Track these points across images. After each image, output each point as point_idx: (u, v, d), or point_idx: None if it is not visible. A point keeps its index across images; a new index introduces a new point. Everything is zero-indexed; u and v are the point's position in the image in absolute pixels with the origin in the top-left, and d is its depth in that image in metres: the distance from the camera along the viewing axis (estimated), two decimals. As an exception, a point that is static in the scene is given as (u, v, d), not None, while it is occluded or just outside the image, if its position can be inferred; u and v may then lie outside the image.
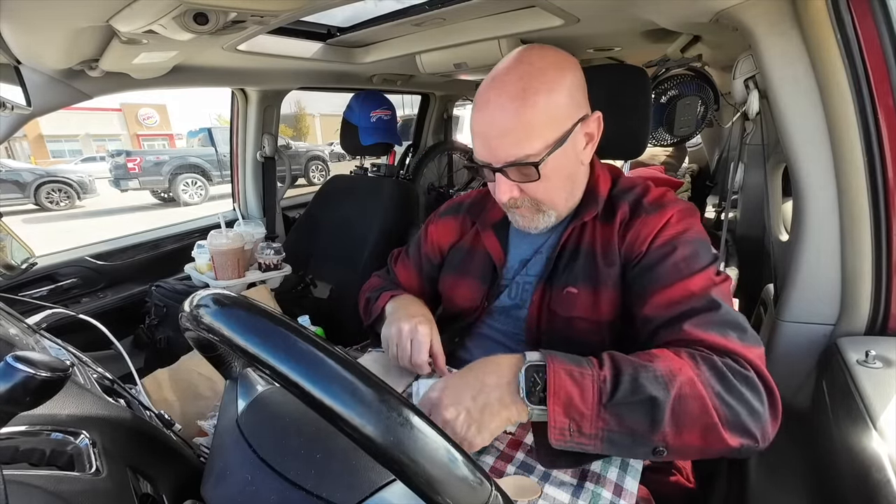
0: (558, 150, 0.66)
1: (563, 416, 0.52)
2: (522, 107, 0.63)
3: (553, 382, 0.53)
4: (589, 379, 0.54)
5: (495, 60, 1.66)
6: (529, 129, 0.64)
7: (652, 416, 0.52)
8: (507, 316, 0.82)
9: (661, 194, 0.74)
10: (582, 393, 0.53)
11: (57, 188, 8.91)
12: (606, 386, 0.53)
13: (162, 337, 1.47)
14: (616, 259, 0.71)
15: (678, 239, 0.67)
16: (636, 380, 0.53)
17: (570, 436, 0.52)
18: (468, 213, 0.91)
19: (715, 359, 0.56)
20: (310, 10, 1.03)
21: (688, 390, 0.53)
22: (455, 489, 0.32)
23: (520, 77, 0.64)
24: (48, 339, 0.69)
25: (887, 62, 0.66)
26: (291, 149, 10.51)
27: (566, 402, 0.53)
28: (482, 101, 0.67)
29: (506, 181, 0.69)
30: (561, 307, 0.73)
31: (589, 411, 0.52)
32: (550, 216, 0.74)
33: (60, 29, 0.89)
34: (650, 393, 0.52)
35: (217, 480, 0.46)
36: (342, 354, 0.34)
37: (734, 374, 0.55)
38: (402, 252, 1.03)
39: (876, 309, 0.73)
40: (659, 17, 1.05)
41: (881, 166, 0.68)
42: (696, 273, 0.63)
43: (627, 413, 0.53)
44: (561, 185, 0.72)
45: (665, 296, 0.63)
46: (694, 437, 0.53)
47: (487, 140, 0.67)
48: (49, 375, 0.31)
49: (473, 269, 0.86)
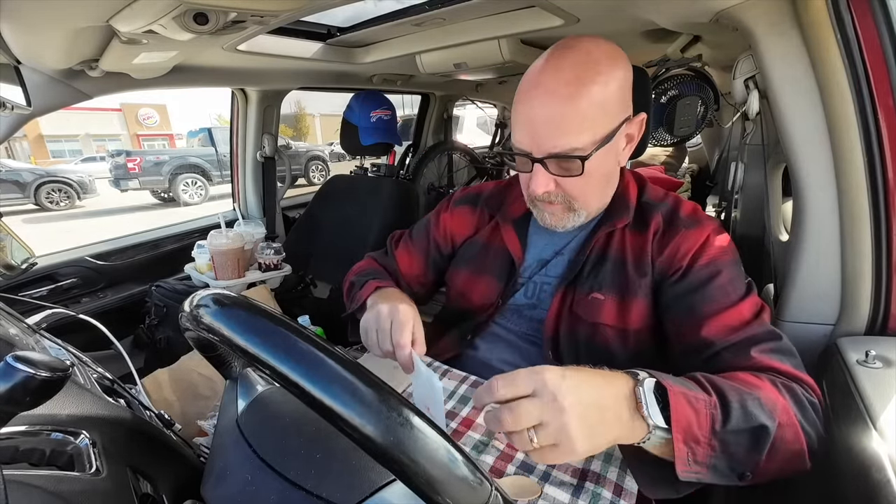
0: (605, 146, 0.64)
1: (683, 445, 0.48)
2: (577, 94, 0.60)
3: (675, 408, 0.47)
4: (703, 404, 0.49)
5: (495, 60, 1.66)
6: (581, 120, 0.61)
7: (757, 442, 0.50)
8: (520, 316, 0.80)
9: (694, 208, 0.74)
10: (698, 419, 0.49)
11: (57, 188, 8.91)
12: (718, 412, 0.50)
13: (162, 337, 1.47)
14: (649, 270, 0.70)
15: (721, 260, 0.67)
16: (745, 407, 0.50)
17: (689, 466, 0.48)
18: (486, 205, 0.89)
19: (794, 386, 0.56)
20: (310, 10, 1.03)
21: (785, 418, 0.52)
22: (455, 489, 0.32)
23: (575, 63, 0.61)
24: (48, 339, 0.69)
25: (887, 62, 0.66)
26: (291, 149, 10.51)
27: (686, 429, 0.48)
28: (532, 84, 0.63)
29: (544, 174, 0.66)
30: (586, 312, 0.72)
31: (703, 439, 0.49)
32: (581, 215, 0.72)
33: (60, 29, 0.89)
34: (760, 421, 0.50)
35: (217, 480, 0.46)
36: (342, 354, 0.34)
37: (808, 402, 0.55)
38: (405, 235, 0.97)
39: (876, 309, 0.73)
40: (659, 18, 1.05)
41: (881, 166, 0.68)
42: (744, 298, 0.64)
43: (734, 440, 0.50)
44: (598, 184, 0.71)
45: (722, 320, 0.63)
46: (782, 462, 0.52)
47: (533, 127, 0.64)
48: (49, 375, 0.31)
49: (490, 265, 0.84)
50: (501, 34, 1.30)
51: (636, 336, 0.71)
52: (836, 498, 0.52)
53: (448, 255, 0.92)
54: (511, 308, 0.81)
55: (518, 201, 0.83)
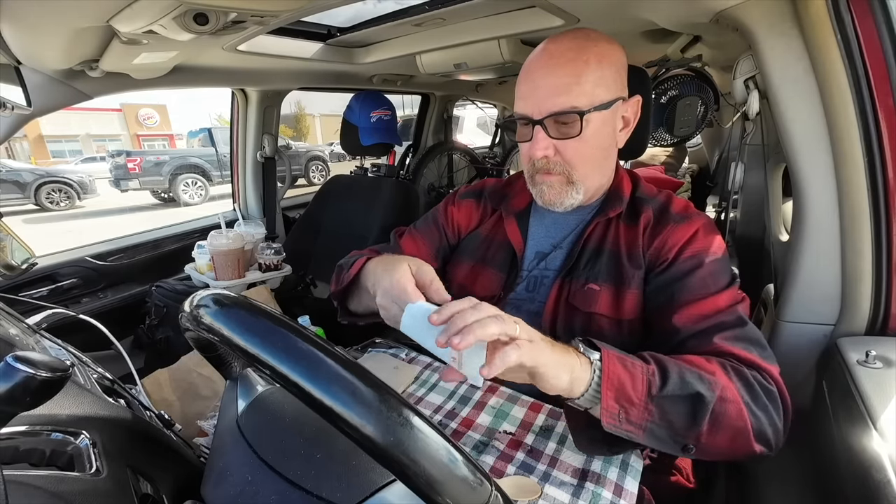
0: (603, 111, 0.68)
1: (614, 402, 0.53)
2: (577, 59, 0.66)
3: (607, 368, 0.54)
4: (639, 369, 0.55)
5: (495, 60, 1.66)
6: (580, 81, 0.66)
7: (694, 413, 0.54)
8: (519, 311, 0.79)
9: (685, 205, 0.76)
10: (633, 382, 0.54)
11: (57, 188, 8.91)
12: (655, 378, 0.55)
13: (162, 337, 1.47)
14: (641, 262, 0.72)
15: (705, 253, 0.68)
16: (683, 377, 0.54)
17: (619, 422, 0.54)
18: (489, 199, 0.90)
19: (745, 370, 0.58)
20: (310, 10, 1.03)
21: (728, 394, 0.55)
22: (455, 489, 0.32)
23: (575, 39, 0.68)
24: (48, 339, 0.69)
25: (887, 62, 0.66)
26: (291, 149, 10.50)
27: (618, 388, 0.53)
28: (535, 57, 0.70)
29: (544, 136, 0.69)
30: (582, 302, 0.73)
31: (638, 400, 0.54)
32: (579, 190, 0.74)
33: (61, 29, 0.89)
34: (697, 389, 0.54)
35: (217, 480, 0.46)
36: (342, 355, 0.34)
37: (761, 387, 0.57)
38: (410, 228, 0.96)
39: (876, 309, 0.73)
40: (659, 18, 1.05)
41: (881, 166, 0.68)
42: (723, 290, 0.65)
43: (671, 407, 0.54)
44: (595, 155, 0.73)
45: (695, 309, 0.64)
46: (725, 440, 0.55)
47: (534, 90, 0.68)
48: (49, 375, 0.31)
49: (491, 257, 0.85)
50: (501, 34, 1.30)
51: (629, 326, 0.72)
52: (836, 498, 0.52)
53: (454, 246, 0.92)
54: (511, 303, 0.81)
55: (520, 195, 0.85)
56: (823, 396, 0.65)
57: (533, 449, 0.62)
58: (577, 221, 0.79)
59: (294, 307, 1.67)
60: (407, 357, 0.87)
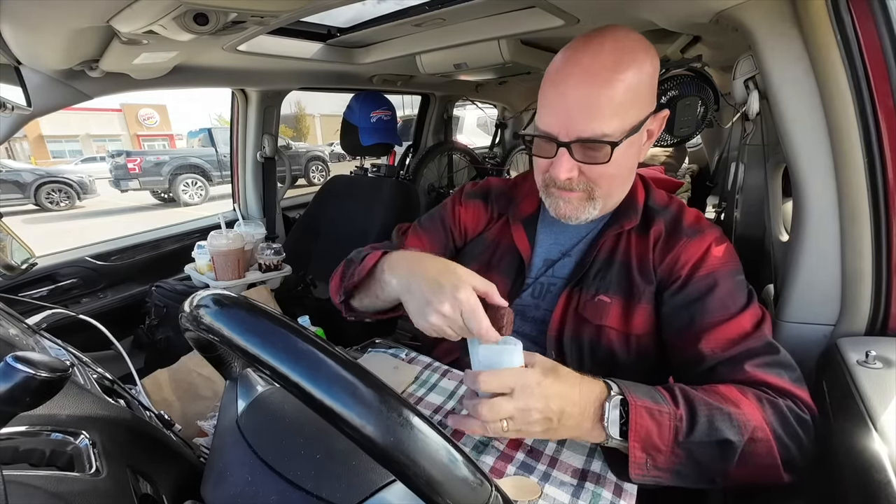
0: (634, 135, 0.64)
1: (641, 452, 0.54)
2: (614, 80, 0.59)
3: (634, 421, 0.54)
4: (667, 417, 0.55)
5: (495, 61, 1.66)
6: (615, 106, 0.60)
7: (723, 455, 0.54)
8: (524, 318, 0.79)
9: (697, 217, 0.74)
10: (659, 430, 0.54)
11: (57, 188, 8.92)
12: (682, 425, 0.54)
13: (162, 337, 1.47)
14: (652, 277, 0.71)
15: (720, 270, 0.67)
16: (712, 422, 0.54)
17: (647, 470, 0.54)
18: (496, 203, 0.88)
19: (779, 402, 0.58)
20: (310, 10, 1.03)
21: (759, 434, 0.55)
22: (455, 490, 0.32)
23: (615, 49, 0.61)
24: (48, 339, 0.69)
25: (887, 62, 0.66)
26: (291, 149, 10.51)
27: (645, 438, 0.54)
28: (568, 65, 0.62)
29: (568, 159, 0.64)
30: (592, 314, 0.72)
31: (665, 448, 0.54)
32: (597, 207, 0.71)
33: (60, 29, 0.89)
34: (725, 436, 0.54)
35: (217, 481, 0.46)
36: (342, 355, 0.34)
37: (794, 417, 0.57)
38: (413, 225, 0.93)
39: (876, 309, 0.73)
40: (659, 18, 1.05)
41: (881, 166, 0.68)
42: (744, 309, 0.65)
43: (698, 450, 0.54)
44: (621, 176, 0.70)
45: (721, 333, 0.63)
46: (753, 473, 0.55)
47: (565, 109, 0.62)
48: (49, 375, 0.31)
49: (497, 262, 0.83)
50: (501, 34, 1.30)
51: (638, 341, 0.71)
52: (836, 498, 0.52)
53: (459, 247, 0.90)
54: (516, 309, 0.80)
55: (527, 200, 0.83)
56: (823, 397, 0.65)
57: (533, 449, 0.62)
58: (588, 229, 0.77)
59: (294, 307, 1.67)
60: (407, 357, 0.87)
